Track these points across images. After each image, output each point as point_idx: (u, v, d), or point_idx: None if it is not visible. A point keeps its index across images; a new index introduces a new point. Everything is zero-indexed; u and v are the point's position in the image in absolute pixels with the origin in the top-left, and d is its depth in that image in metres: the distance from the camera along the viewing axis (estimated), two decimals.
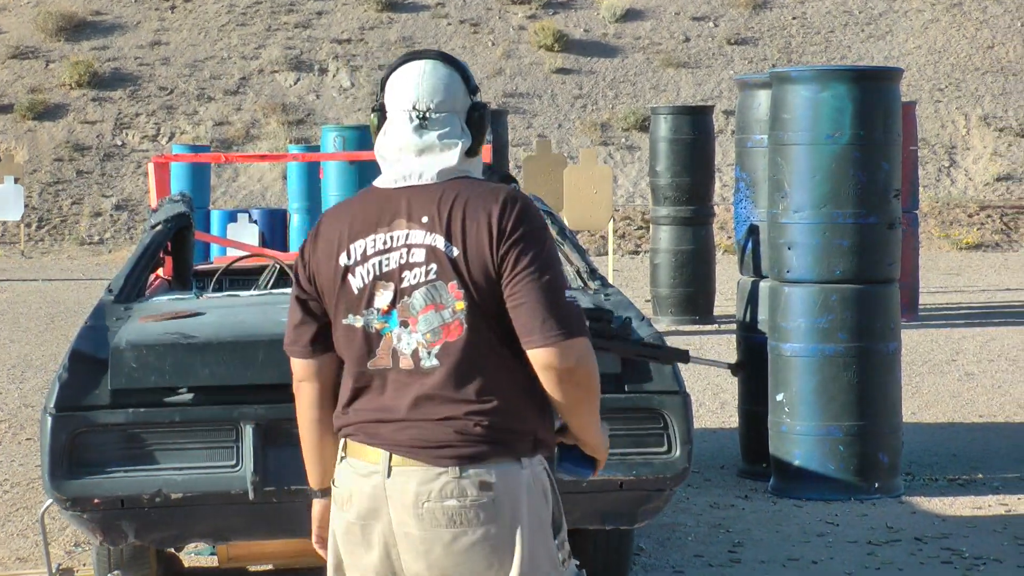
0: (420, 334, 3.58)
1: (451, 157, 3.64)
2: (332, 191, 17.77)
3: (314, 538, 3.90)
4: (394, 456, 3.57)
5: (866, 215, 8.62)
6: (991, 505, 8.50)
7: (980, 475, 9.22)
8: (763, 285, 9.32)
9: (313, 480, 3.85)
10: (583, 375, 3.57)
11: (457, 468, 3.54)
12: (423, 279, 3.59)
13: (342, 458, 3.68)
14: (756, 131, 9.66)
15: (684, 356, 5.64)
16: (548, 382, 3.56)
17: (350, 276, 3.64)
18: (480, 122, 3.69)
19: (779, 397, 8.77)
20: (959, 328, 16.50)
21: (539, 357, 3.53)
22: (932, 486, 8.97)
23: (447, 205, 3.59)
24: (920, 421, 10.96)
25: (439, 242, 3.57)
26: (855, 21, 36.42)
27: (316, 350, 3.73)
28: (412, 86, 3.67)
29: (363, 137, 18.50)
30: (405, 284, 3.60)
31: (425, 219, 3.59)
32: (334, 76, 34.69)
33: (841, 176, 8.59)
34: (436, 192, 3.62)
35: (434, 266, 3.57)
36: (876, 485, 8.64)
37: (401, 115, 3.67)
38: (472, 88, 3.71)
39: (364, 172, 17.91)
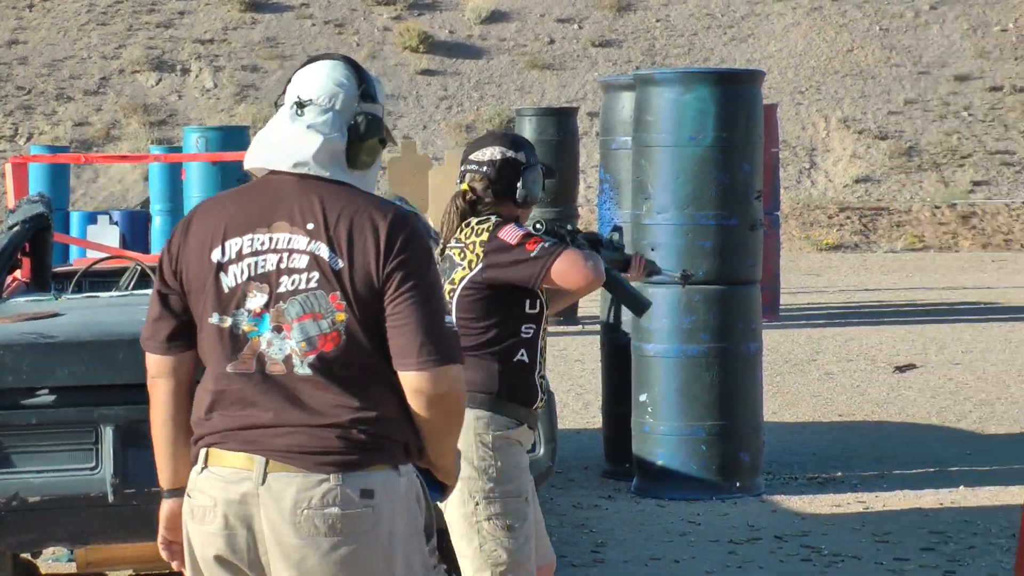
0: (295, 341, 3.50)
1: (308, 148, 3.57)
2: (194, 192, 17.61)
3: (159, 539, 3.78)
4: (270, 462, 3.49)
5: (728, 216, 8.70)
6: (850, 503, 8.61)
7: (839, 473, 9.33)
8: None
9: (164, 479, 3.73)
10: (452, 401, 3.54)
11: (340, 475, 3.47)
12: (303, 286, 3.51)
13: (202, 468, 3.57)
14: (620, 133, 9.72)
15: (643, 307, 5.54)
16: (418, 406, 3.53)
17: (222, 274, 3.55)
18: (363, 130, 3.60)
19: (642, 397, 8.83)
20: (819, 328, 16.71)
21: (411, 381, 3.50)
22: (792, 485, 9.08)
23: (334, 214, 3.52)
24: (781, 420, 11.08)
25: (323, 251, 3.50)
26: (718, 24, 36.78)
27: (173, 347, 3.63)
28: (303, 79, 3.64)
29: (226, 138, 18.35)
30: (282, 289, 3.52)
31: (310, 226, 3.52)
32: (196, 76, 34.39)
33: (703, 178, 8.66)
34: (322, 198, 3.55)
35: (316, 275, 3.50)
36: (738, 484, 8.72)
37: (285, 107, 3.64)
38: (366, 95, 3.63)
39: (227, 173, 17.77)
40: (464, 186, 5.06)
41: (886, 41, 36.25)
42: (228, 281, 3.55)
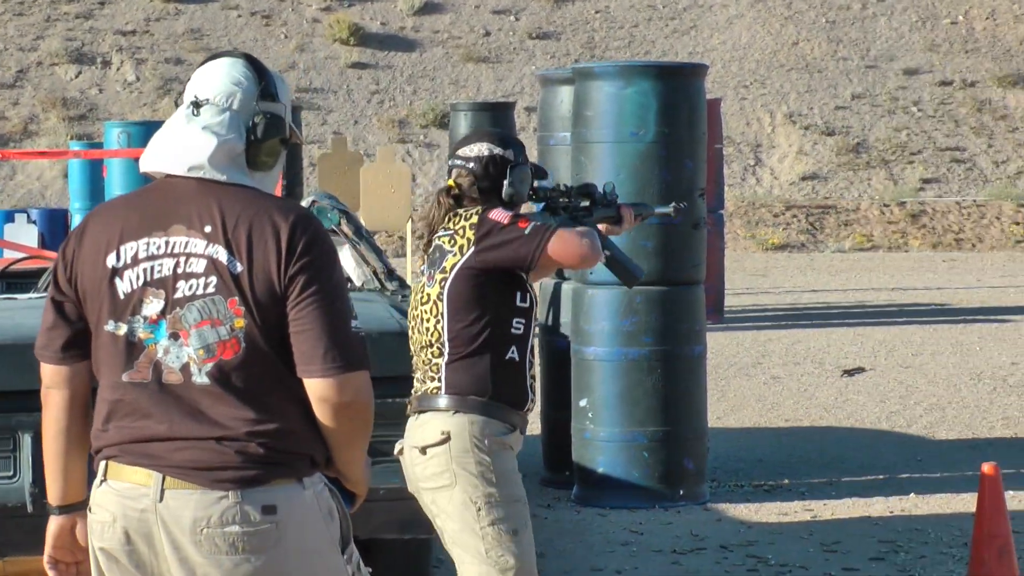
0: (192, 349, 3.47)
1: (203, 151, 3.53)
2: (116, 189, 17.52)
3: (46, 559, 3.73)
4: (167, 478, 3.45)
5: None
6: (797, 511, 8.64)
7: (786, 481, 9.37)
8: (566, 287, 9.38)
9: (52, 494, 3.69)
10: (359, 409, 3.52)
11: (239, 492, 3.44)
12: (200, 291, 3.48)
13: (101, 481, 3.53)
14: (559, 128, 9.72)
15: (635, 278, 5.55)
16: (323, 414, 3.50)
17: (117, 279, 3.52)
18: (261, 131, 3.57)
19: (582, 403, 8.83)
20: (765, 330, 16.77)
21: (316, 388, 3.47)
22: (738, 492, 9.11)
23: (232, 216, 3.49)
24: (726, 426, 11.12)
25: (222, 255, 3.48)
26: (659, 16, 36.89)
27: (67, 357, 3.59)
28: (201, 77, 3.62)
29: (149, 133, 18.19)
30: (179, 294, 3.49)
31: (208, 228, 3.49)
32: (118, 69, 34.21)
33: (645, 175, 8.67)
34: (220, 201, 3.52)
35: (214, 279, 3.47)
36: (681, 492, 8.74)
37: (182, 107, 3.62)
38: (266, 93, 3.61)
39: None
40: (450, 181, 5.08)
41: (833, 34, 36.45)
42: (123, 287, 3.52)
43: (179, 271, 3.49)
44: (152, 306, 3.50)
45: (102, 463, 3.55)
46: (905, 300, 20.21)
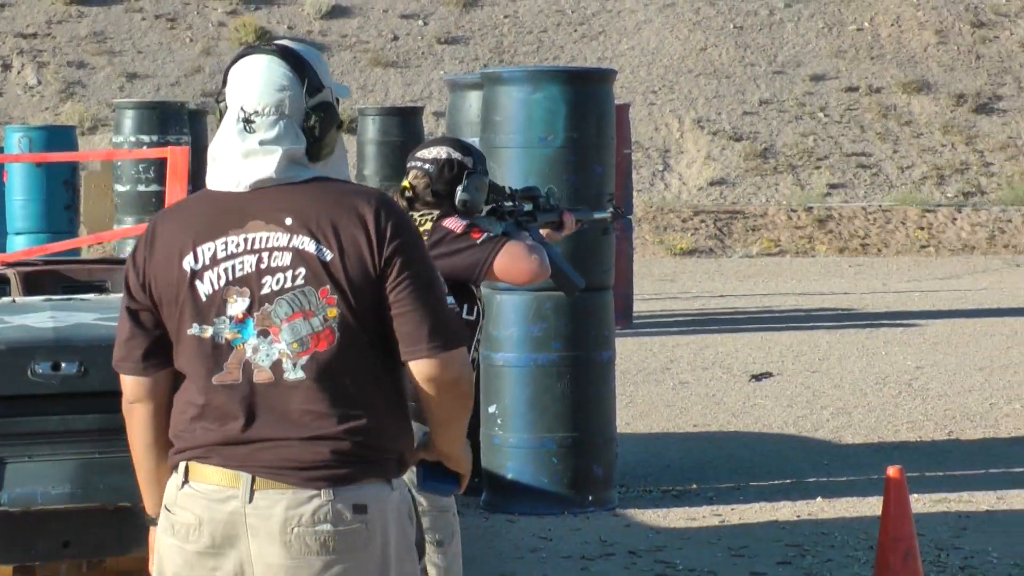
0: (285, 344, 3.46)
1: (268, 165, 3.51)
2: (17, 196, 17.37)
3: (152, 566, 3.70)
4: (257, 479, 3.44)
5: None
6: (705, 516, 8.69)
7: (694, 486, 9.42)
8: None
9: (152, 506, 3.68)
10: (464, 385, 3.54)
11: (331, 490, 3.43)
12: (289, 284, 3.46)
13: (183, 483, 3.51)
14: (468, 133, 9.73)
15: (575, 289, 5.55)
16: (430, 393, 3.51)
17: (197, 282, 3.50)
18: (321, 125, 3.56)
19: (491, 409, 8.85)
20: (673, 336, 16.85)
21: (424, 368, 3.47)
22: (646, 498, 9.14)
23: (313, 206, 3.48)
24: (634, 431, 11.16)
25: (308, 245, 3.46)
26: (568, 21, 36.98)
27: (149, 366, 3.57)
28: (244, 85, 3.58)
29: (51, 137, 18.13)
30: (266, 290, 3.47)
31: (289, 221, 3.48)
32: (19, 73, 33.88)
33: (554, 179, 8.69)
34: (296, 192, 3.51)
35: (303, 270, 3.46)
36: (590, 498, 8.77)
37: (231, 115, 3.58)
38: (312, 88, 3.57)
39: (52, 175, 17.53)
40: (406, 182, 5.07)
41: (740, 40, 36.69)
42: (204, 288, 3.50)
43: (263, 267, 3.48)
44: (237, 305, 3.49)
45: (183, 464, 3.52)
46: (812, 305, 20.36)
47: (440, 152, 5.17)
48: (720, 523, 8.53)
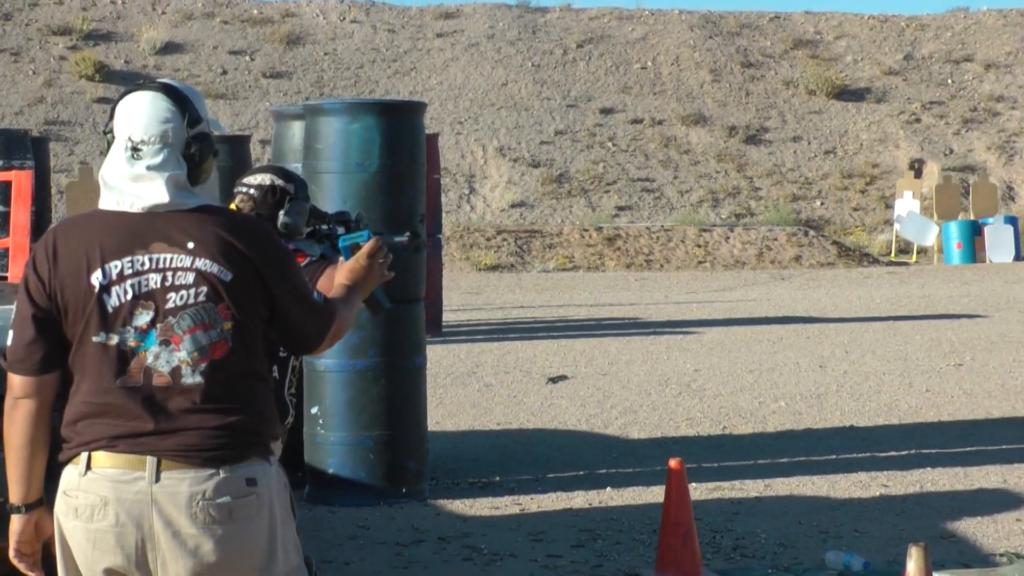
0: (186, 352, 3.61)
1: (158, 188, 3.64)
2: None
3: (12, 553, 3.80)
4: (163, 461, 3.58)
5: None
6: (507, 505, 8.72)
7: (497, 478, 9.45)
8: None
9: (18, 496, 3.75)
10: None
11: (229, 468, 3.61)
12: (192, 301, 3.61)
13: (86, 470, 3.61)
14: (291, 159, 9.68)
15: (382, 309, 5.51)
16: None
17: (105, 295, 3.60)
18: (200, 153, 3.68)
19: (313, 410, 8.80)
20: (479, 343, 16.88)
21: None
22: (455, 489, 9.15)
23: (211, 232, 3.63)
24: (444, 429, 11.16)
25: (211, 267, 3.61)
26: (382, 58, 36.93)
27: (44, 368, 3.65)
28: (131, 117, 3.69)
29: None
30: (170, 305, 3.61)
31: (191, 244, 3.62)
32: None
33: (370, 202, 8.68)
34: (193, 218, 3.64)
35: (205, 288, 3.61)
36: (404, 490, 8.76)
37: (119, 143, 3.69)
38: (192, 121, 3.70)
39: None
40: (232, 206, 5.02)
41: (538, 76, 36.92)
42: (112, 301, 3.61)
43: (167, 284, 3.62)
44: (142, 317, 3.62)
45: (84, 454, 3.62)
46: (602, 315, 20.52)
47: (264, 179, 5.15)
48: (521, 511, 8.57)
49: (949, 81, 38.74)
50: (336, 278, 4.02)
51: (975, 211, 32.34)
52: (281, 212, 5.09)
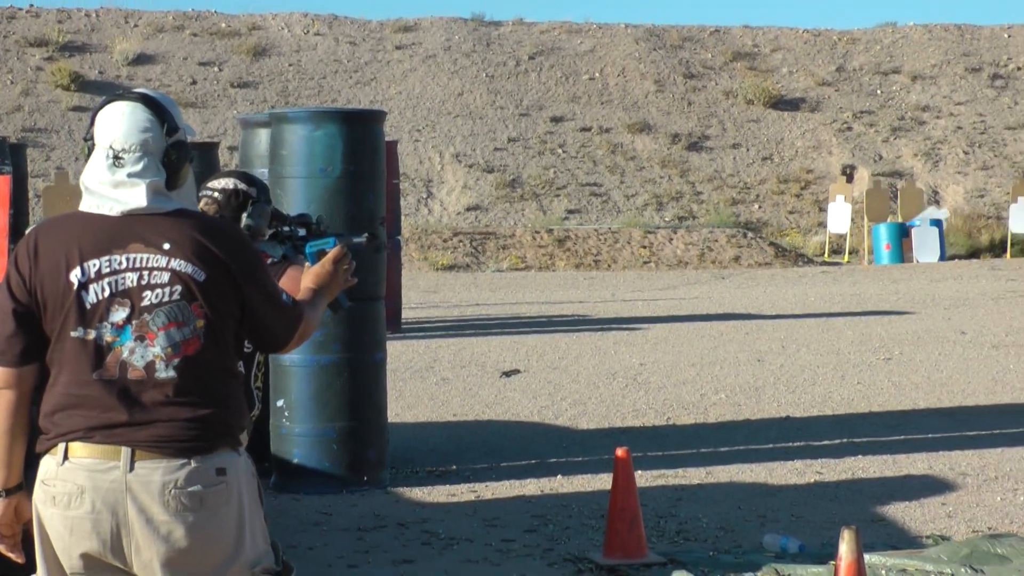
0: (160, 348, 3.62)
1: (138, 194, 3.65)
2: None
3: None
4: (137, 451, 3.59)
5: None
6: (463, 492, 8.73)
7: (454, 467, 9.45)
8: None
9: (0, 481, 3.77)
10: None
11: (200, 459, 3.62)
12: (167, 299, 3.63)
13: (64, 459, 3.62)
14: (258, 165, 9.66)
15: (341, 307, 5.51)
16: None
17: (83, 292, 3.61)
18: (178, 159, 3.70)
19: (279, 403, 8.79)
20: (436, 339, 16.87)
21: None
22: (413, 477, 9.15)
23: (186, 234, 3.64)
24: (403, 421, 11.16)
25: (185, 267, 3.62)
26: (344, 69, 36.85)
27: (24, 360, 3.66)
28: (112, 126, 3.69)
29: None
30: (146, 302, 3.62)
31: (167, 246, 3.63)
32: None
33: (333, 206, 8.67)
34: (169, 221, 3.65)
35: (179, 288, 3.62)
36: (365, 479, 8.75)
37: (100, 151, 3.69)
38: (170, 129, 3.71)
39: None
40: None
41: (492, 86, 36.91)
42: (90, 298, 3.62)
43: (143, 282, 3.63)
44: (118, 314, 3.63)
45: (62, 444, 3.63)
46: (553, 312, 20.54)
47: (228, 183, 5.13)
48: (476, 498, 8.57)
49: (878, 92, 38.95)
50: (303, 282, 4.02)
51: (903, 214, 32.53)
52: (244, 215, 5.08)
